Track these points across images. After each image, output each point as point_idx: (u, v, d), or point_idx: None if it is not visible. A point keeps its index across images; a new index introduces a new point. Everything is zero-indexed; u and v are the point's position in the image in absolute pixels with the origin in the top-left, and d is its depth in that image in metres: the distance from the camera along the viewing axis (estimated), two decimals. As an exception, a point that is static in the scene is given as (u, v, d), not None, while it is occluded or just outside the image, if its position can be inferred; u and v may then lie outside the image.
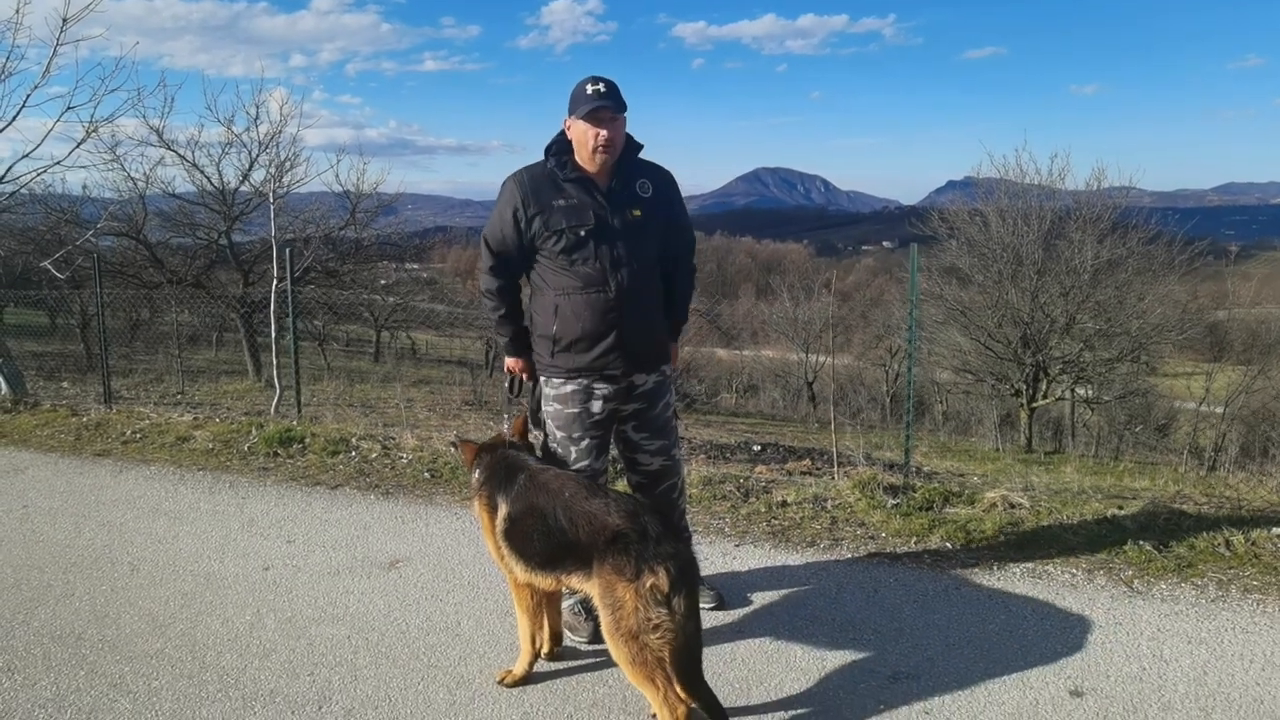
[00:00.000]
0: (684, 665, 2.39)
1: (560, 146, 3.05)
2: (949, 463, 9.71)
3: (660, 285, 3.20)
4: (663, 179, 3.17)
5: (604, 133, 2.93)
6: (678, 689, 2.40)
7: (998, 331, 14.14)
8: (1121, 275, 13.34)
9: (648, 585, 2.37)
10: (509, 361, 3.29)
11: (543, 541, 2.66)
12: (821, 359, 23.91)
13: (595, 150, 2.94)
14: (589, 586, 2.55)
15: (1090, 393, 15.58)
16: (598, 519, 2.54)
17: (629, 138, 3.07)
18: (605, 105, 2.91)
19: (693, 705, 2.41)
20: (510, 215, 3.02)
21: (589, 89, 2.93)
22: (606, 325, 3.04)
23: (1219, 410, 15.53)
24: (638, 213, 3.07)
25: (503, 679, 2.89)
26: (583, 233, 2.99)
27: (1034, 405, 14.10)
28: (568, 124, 3.02)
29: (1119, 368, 13.91)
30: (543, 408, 3.19)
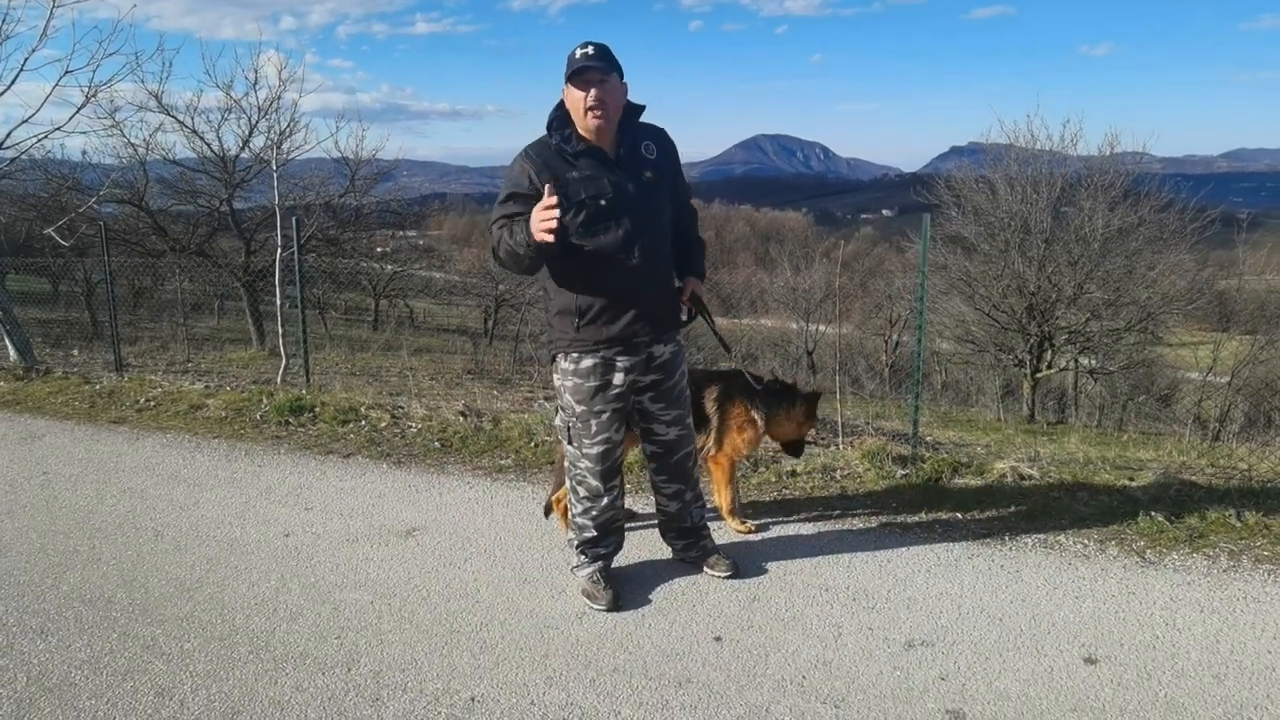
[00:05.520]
0: None
1: (560, 121, 3.02)
2: (951, 433, 9.74)
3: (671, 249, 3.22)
4: (662, 139, 3.16)
5: (593, 92, 2.90)
6: None
7: (1003, 302, 14.10)
8: (1132, 244, 13.26)
9: None
10: (532, 219, 2.79)
11: None
12: (821, 328, 23.90)
13: (587, 111, 2.92)
14: None
15: (1095, 363, 15.59)
16: None
17: (629, 102, 3.05)
18: (592, 66, 2.89)
19: None
20: (524, 191, 2.96)
21: (578, 53, 2.91)
22: (631, 293, 3.05)
23: (1224, 380, 15.56)
24: (650, 174, 3.07)
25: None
26: (603, 202, 2.97)
27: (1038, 376, 14.12)
28: (564, 92, 3.00)
29: (1126, 338, 13.89)
30: (559, 384, 3.20)
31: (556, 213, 2.71)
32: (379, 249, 20.92)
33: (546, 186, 2.77)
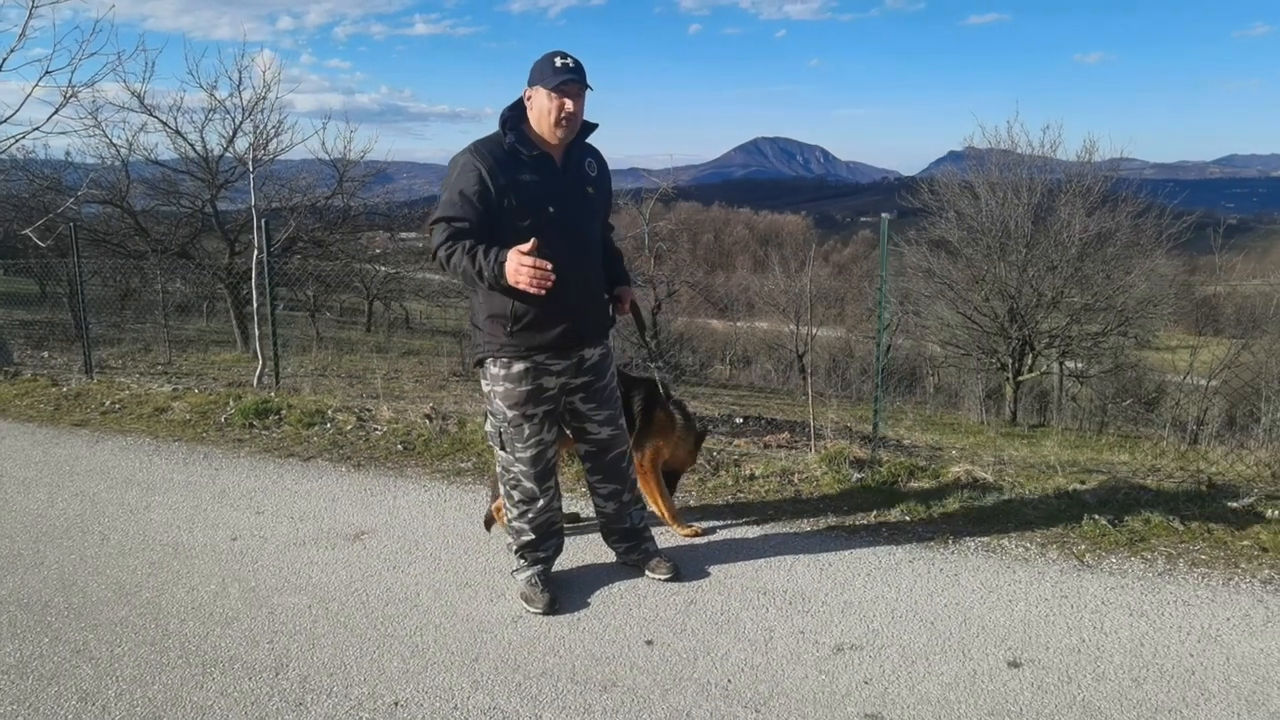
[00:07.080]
0: None
1: (515, 120, 3.04)
2: (930, 436, 9.77)
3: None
4: (601, 160, 3.24)
5: (569, 104, 2.95)
6: None
7: (984, 305, 14.16)
8: (1109, 249, 13.33)
9: None
10: (511, 262, 2.79)
11: None
12: (815, 331, 23.97)
13: (558, 122, 2.96)
14: None
15: (1079, 366, 15.64)
16: None
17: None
18: (574, 80, 2.94)
19: None
20: (474, 189, 2.94)
21: (558, 62, 2.94)
22: (566, 302, 3.06)
23: (1206, 384, 15.61)
24: (591, 190, 3.13)
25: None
26: (551, 209, 3.00)
27: (1020, 379, 14.16)
28: (528, 94, 3.02)
29: (1106, 341, 13.95)
30: (489, 389, 3.21)
31: (553, 276, 2.76)
32: (377, 250, 20.91)
33: (534, 242, 2.78)
